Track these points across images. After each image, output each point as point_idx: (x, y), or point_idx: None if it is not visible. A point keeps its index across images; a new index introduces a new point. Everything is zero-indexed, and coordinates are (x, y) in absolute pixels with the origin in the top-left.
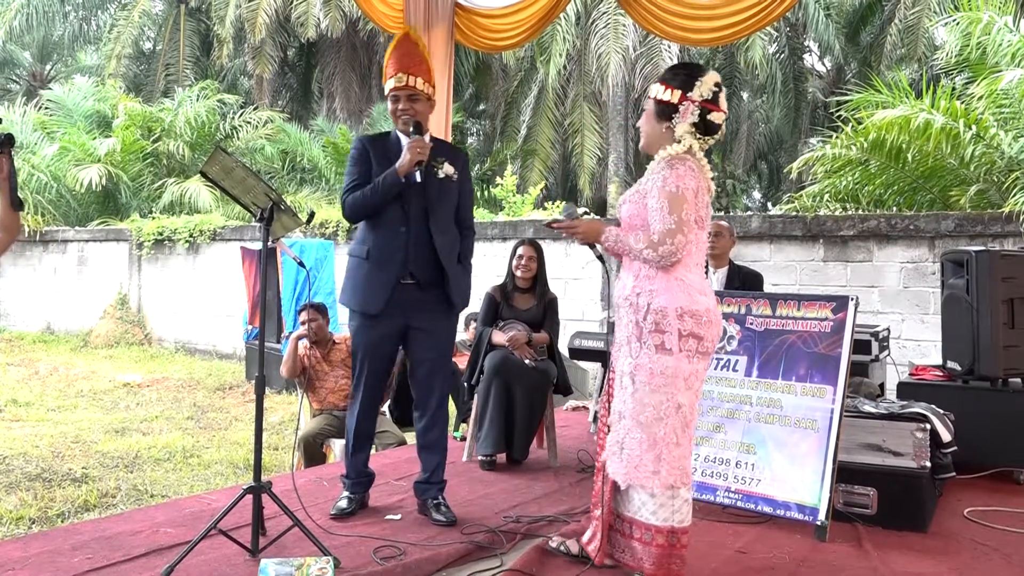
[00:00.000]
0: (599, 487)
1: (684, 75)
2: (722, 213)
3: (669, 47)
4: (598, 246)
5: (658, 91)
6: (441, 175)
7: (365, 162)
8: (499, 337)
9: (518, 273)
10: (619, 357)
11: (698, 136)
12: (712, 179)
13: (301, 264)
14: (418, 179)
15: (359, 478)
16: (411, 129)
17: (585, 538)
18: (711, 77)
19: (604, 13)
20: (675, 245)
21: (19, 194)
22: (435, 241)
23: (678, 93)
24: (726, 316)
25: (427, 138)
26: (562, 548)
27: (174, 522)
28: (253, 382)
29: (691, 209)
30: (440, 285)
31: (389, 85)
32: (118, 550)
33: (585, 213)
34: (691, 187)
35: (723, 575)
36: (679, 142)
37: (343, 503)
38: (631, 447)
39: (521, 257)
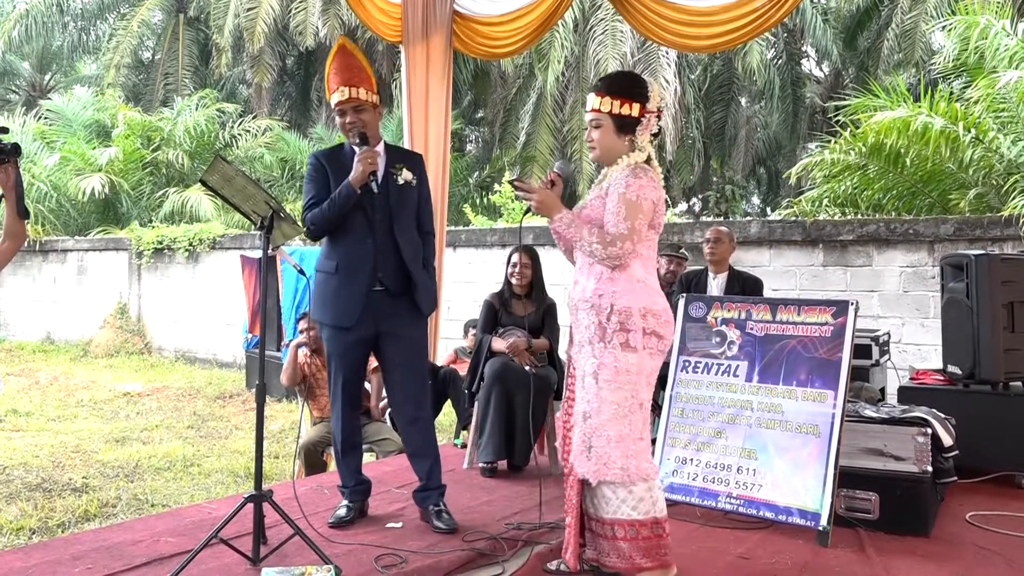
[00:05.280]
0: (568, 492)
1: (637, 87)
2: (721, 219)
3: (667, 53)
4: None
5: (613, 106)
6: (401, 181)
7: (322, 178)
8: (499, 344)
9: (513, 281)
10: (580, 358)
11: (651, 142)
12: (712, 185)
13: (301, 272)
14: (375, 189)
15: (356, 486)
16: (357, 141)
17: (564, 549)
18: (654, 85)
19: (602, 20)
20: (622, 250)
21: (24, 203)
22: (400, 248)
23: (637, 106)
24: (726, 321)
25: (380, 148)
26: (563, 567)
27: (175, 531)
28: (253, 390)
29: (645, 219)
30: (408, 292)
31: (334, 100)
32: (119, 560)
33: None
34: (651, 198)
35: None
36: (640, 151)
37: (342, 511)
38: (599, 445)
39: (516, 265)
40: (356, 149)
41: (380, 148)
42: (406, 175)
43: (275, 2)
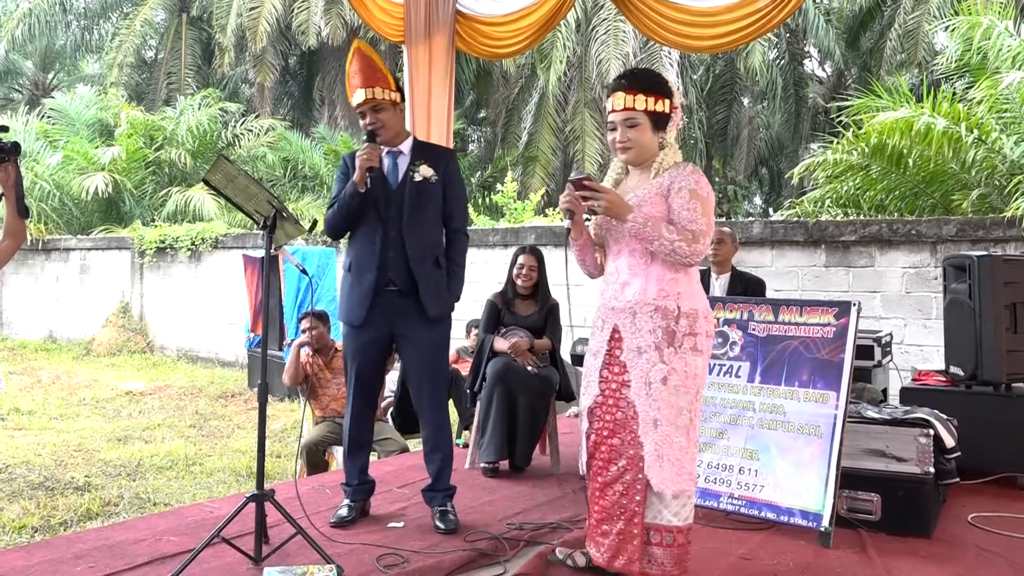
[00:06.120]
0: (615, 499)
1: (665, 83)
2: (723, 219)
3: (669, 53)
4: (572, 220)
5: (648, 103)
6: (418, 178)
7: (346, 179)
8: (501, 344)
9: (519, 282)
10: (638, 364)
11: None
12: (714, 185)
13: (304, 271)
14: (368, 185)
15: (359, 485)
16: (364, 139)
17: (604, 557)
18: (671, 81)
19: (604, 20)
20: (704, 247)
21: (24, 202)
22: (407, 247)
23: (667, 102)
24: (728, 322)
25: (406, 144)
26: (568, 561)
27: (177, 530)
28: (255, 390)
29: (712, 218)
30: (417, 292)
31: (353, 103)
32: (121, 559)
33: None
34: (712, 197)
35: None
36: (671, 147)
37: (343, 511)
38: (672, 453)
39: (522, 266)
40: (385, 147)
41: (406, 145)
42: (424, 172)
43: (278, 2)
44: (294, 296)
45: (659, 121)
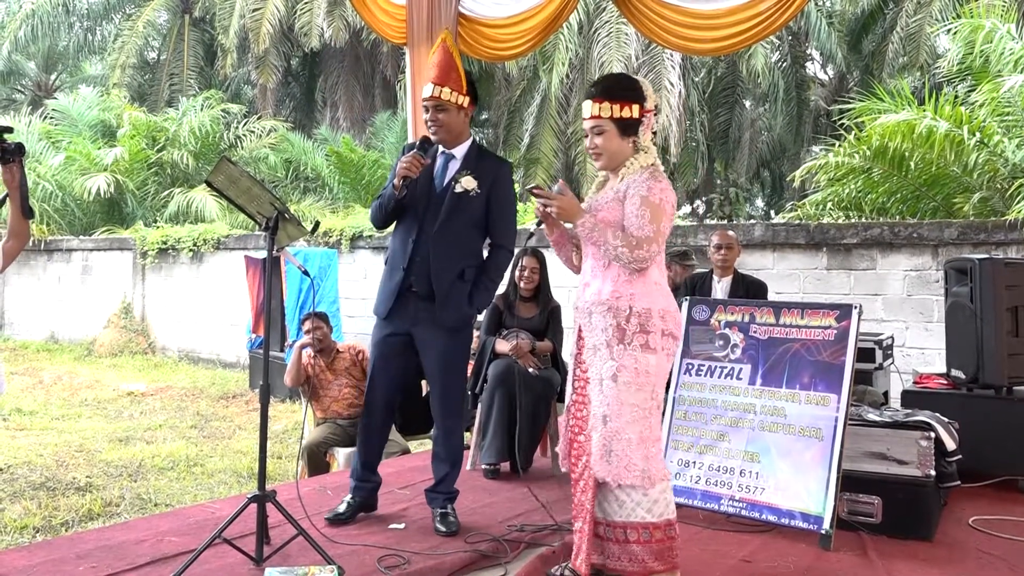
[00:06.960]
0: (578, 496)
1: (634, 88)
2: (725, 222)
3: (671, 56)
4: (538, 226)
5: (614, 110)
6: (459, 190)
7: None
8: (503, 346)
9: (521, 284)
10: (595, 361)
11: (652, 142)
12: (716, 187)
13: (306, 273)
14: (404, 191)
15: (362, 482)
16: (417, 144)
17: (575, 555)
18: (646, 84)
19: (606, 22)
20: (649, 253)
21: (29, 202)
22: (431, 254)
23: (637, 107)
24: (730, 325)
25: (460, 150)
26: (567, 573)
27: (178, 531)
28: (257, 391)
29: (668, 223)
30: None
31: (422, 96)
32: (122, 559)
33: None
34: (671, 201)
35: None
36: (645, 152)
37: (341, 507)
38: (619, 448)
39: (524, 268)
40: (441, 147)
41: (460, 150)
42: (466, 184)
43: (280, 3)
44: (296, 297)
45: (627, 127)
